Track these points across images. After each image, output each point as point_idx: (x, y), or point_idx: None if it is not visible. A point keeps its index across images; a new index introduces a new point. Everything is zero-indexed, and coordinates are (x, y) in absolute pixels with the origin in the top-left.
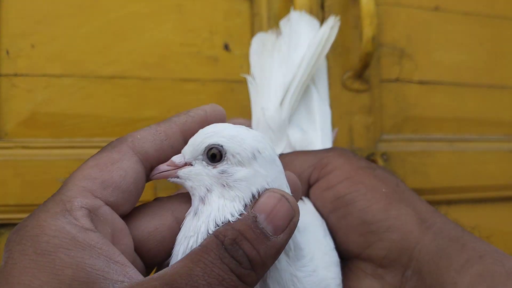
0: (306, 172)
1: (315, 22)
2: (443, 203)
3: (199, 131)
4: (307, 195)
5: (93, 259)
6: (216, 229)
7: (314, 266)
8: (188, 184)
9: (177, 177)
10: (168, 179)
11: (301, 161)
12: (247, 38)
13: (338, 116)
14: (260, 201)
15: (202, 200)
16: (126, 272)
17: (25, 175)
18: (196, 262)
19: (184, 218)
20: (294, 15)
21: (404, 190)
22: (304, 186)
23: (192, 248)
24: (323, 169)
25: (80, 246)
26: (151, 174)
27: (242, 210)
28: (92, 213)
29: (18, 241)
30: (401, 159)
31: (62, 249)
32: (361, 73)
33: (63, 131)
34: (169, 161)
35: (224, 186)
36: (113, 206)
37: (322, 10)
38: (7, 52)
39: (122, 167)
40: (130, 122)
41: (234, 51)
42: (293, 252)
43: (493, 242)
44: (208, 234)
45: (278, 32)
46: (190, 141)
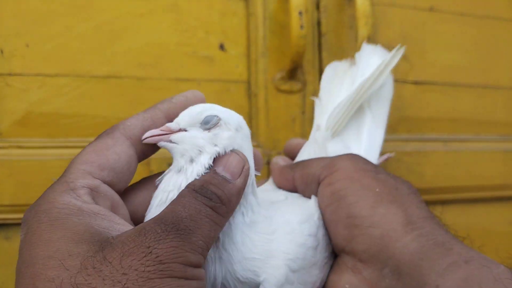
0: (318, 172)
1: (387, 54)
2: (438, 203)
3: (193, 106)
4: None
5: (99, 222)
6: (187, 184)
7: (271, 237)
8: (180, 147)
9: (170, 141)
10: (159, 143)
11: (317, 162)
12: (243, 38)
13: None
14: (218, 159)
15: (192, 161)
16: (127, 230)
17: (20, 175)
18: (176, 204)
19: (163, 175)
20: (368, 48)
21: (403, 194)
22: (315, 185)
23: (172, 199)
24: (330, 169)
25: (87, 214)
26: (143, 138)
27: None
28: (93, 191)
29: (33, 216)
30: (396, 159)
31: (72, 216)
32: None
33: (58, 131)
34: (164, 127)
35: (215, 145)
36: (110, 185)
37: (318, 10)
38: (2, 52)
39: (116, 152)
40: None
41: (230, 51)
42: (249, 215)
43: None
44: None
45: (352, 62)
46: (186, 112)
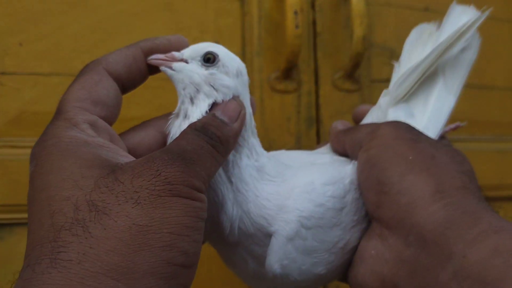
0: (361, 137)
1: (477, 13)
2: None
3: (201, 43)
4: None
5: (106, 152)
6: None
7: (280, 179)
8: (179, 77)
9: (170, 68)
10: (161, 67)
11: (364, 128)
12: (238, 38)
13: (329, 116)
14: (217, 103)
15: (191, 100)
16: (132, 160)
17: (13, 175)
18: (180, 139)
19: (171, 120)
20: (457, 8)
21: (439, 163)
22: (358, 150)
23: None
24: (371, 135)
25: (93, 145)
26: (148, 58)
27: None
28: (93, 126)
29: (41, 150)
30: None
31: (81, 146)
32: (352, 73)
33: None
34: (169, 54)
35: (212, 87)
36: (104, 119)
37: (313, 10)
38: None
39: (104, 86)
40: (119, 121)
41: None
42: (254, 156)
43: None
44: None
45: (440, 25)
46: (192, 47)
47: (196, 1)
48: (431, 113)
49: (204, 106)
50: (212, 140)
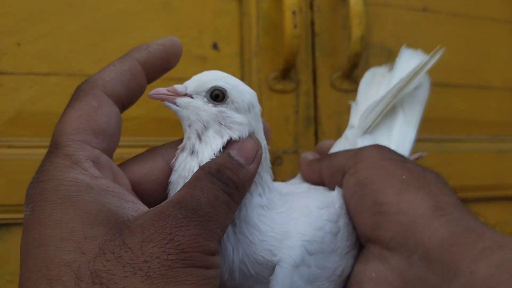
0: (343, 163)
1: (425, 56)
2: None
3: (207, 72)
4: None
5: (110, 199)
6: (201, 165)
7: (288, 217)
8: (185, 113)
9: (174, 103)
10: (165, 103)
11: (343, 154)
12: (236, 38)
13: (327, 116)
14: (232, 141)
15: (199, 137)
16: (138, 208)
17: (11, 175)
18: (194, 188)
19: (177, 155)
20: (407, 52)
21: (430, 182)
22: (340, 175)
23: None
24: (356, 159)
25: (96, 191)
26: (150, 93)
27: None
28: (96, 163)
29: (39, 193)
30: None
31: (82, 193)
32: (350, 74)
33: (49, 130)
34: (171, 87)
35: (222, 125)
36: (106, 151)
37: (311, 10)
38: None
39: (104, 113)
40: None
41: (223, 51)
42: (266, 195)
43: None
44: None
45: (391, 67)
46: (197, 77)
47: (194, 1)
48: (396, 144)
49: (217, 145)
50: (228, 187)
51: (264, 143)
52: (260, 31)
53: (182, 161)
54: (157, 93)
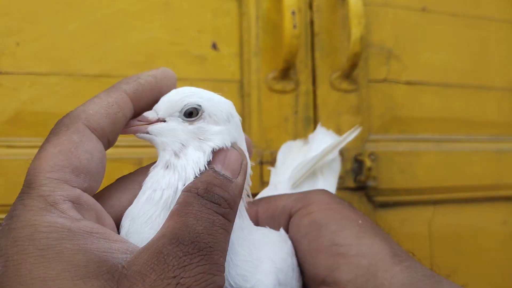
0: (290, 204)
1: (337, 137)
2: (430, 203)
3: (175, 90)
4: (287, 227)
5: (96, 243)
6: (185, 186)
7: (258, 244)
8: (159, 140)
9: (147, 133)
10: (137, 135)
11: (286, 197)
12: (235, 37)
13: (326, 116)
14: (214, 155)
15: (177, 155)
16: (127, 247)
17: (10, 175)
18: (185, 216)
19: (149, 172)
20: (321, 130)
21: (380, 230)
22: (285, 217)
23: (167, 200)
24: (306, 201)
25: (79, 235)
26: (123, 130)
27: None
28: (75, 204)
29: (12, 244)
30: (389, 159)
31: (64, 240)
32: (349, 73)
33: (49, 130)
34: (141, 116)
35: (201, 140)
36: (88, 191)
37: (311, 10)
38: None
39: (87, 150)
40: None
41: (222, 51)
42: (243, 215)
43: (479, 242)
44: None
45: (306, 142)
46: (166, 98)
47: (194, 1)
48: None
49: (199, 158)
50: (221, 208)
51: (248, 158)
52: (260, 31)
53: (155, 174)
54: (128, 127)
